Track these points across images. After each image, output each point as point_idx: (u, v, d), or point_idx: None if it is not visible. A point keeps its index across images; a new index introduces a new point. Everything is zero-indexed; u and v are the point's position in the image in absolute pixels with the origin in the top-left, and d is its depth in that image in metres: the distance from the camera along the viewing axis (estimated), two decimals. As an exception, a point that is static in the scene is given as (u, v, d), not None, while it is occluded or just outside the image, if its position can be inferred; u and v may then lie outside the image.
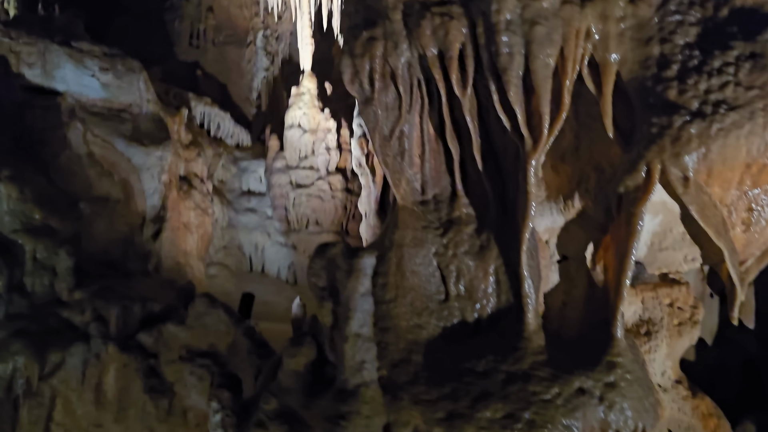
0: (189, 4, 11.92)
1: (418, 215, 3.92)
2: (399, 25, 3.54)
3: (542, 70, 3.19)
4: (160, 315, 6.72)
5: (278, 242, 10.18)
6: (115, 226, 7.65)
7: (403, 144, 3.87)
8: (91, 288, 6.81)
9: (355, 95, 3.74)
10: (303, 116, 10.38)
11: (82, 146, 7.58)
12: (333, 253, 3.61)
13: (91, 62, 7.75)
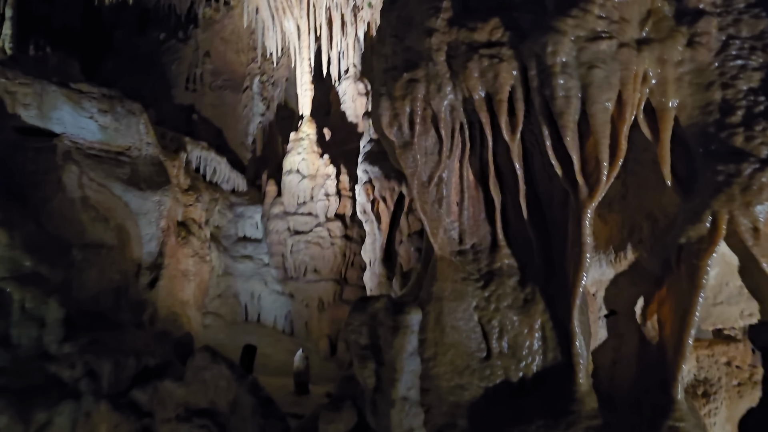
0: (187, 47, 11.81)
1: (456, 266, 3.68)
2: (443, 67, 3.37)
3: (601, 115, 3.02)
4: (155, 370, 6.32)
5: (275, 290, 9.82)
6: (107, 273, 7.28)
7: (441, 191, 3.66)
8: (81, 341, 6.39)
9: (393, 139, 3.53)
10: (302, 161, 10.19)
11: (76, 190, 7.26)
12: (376, 308, 3.34)
13: (90, 104, 7.51)
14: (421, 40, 3.44)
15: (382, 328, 3.24)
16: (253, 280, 9.82)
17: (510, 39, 3.22)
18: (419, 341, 3.42)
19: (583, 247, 3.21)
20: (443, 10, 3.40)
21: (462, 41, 3.33)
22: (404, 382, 3.06)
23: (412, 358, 3.12)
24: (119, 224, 7.50)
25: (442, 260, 3.68)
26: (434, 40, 3.38)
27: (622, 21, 3.07)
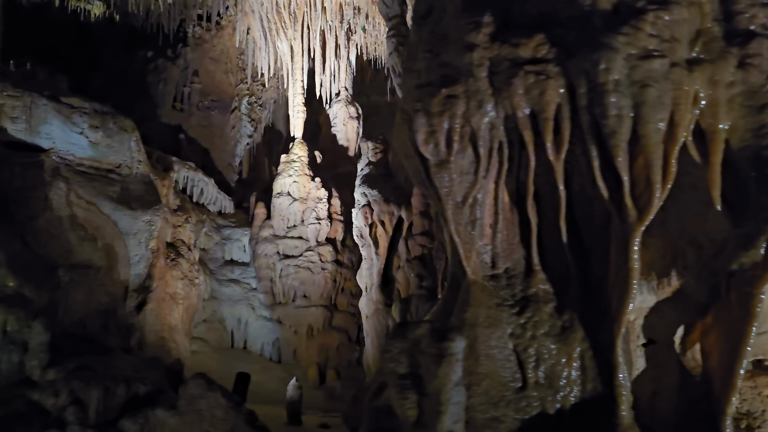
0: (175, 67, 11.60)
1: (490, 291, 3.52)
2: (484, 83, 3.25)
3: (654, 135, 2.92)
4: (146, 398, 6.01)
5: (263, 316, 9.51)
6: (94, 296, 6.94)
7: (475, 212, 3.51)
8: (66, 366, 6.04)
9: (429, 157, 3.39)
10: (293, 184, 9.98)
11: (64, 208, 6.94)
12: (417, 335, 3.14)
13: (81, 119, 7.23)
14: (460, 55, 3.33)
15: (423, 357, 3.04)
16: (240, 305, 9.51)
17: (556, 56, 3.12)
18: (453, 370, 3.23)
19: (630, 272, 3.08)
20: (485, 25, 3.29)
21: (505, 57, 3.21)
22: (450, 414, 2.86)
23: (458, 388, 2.93)
24: (107, 244, 7.18)
25: (475, 285, 3.51)
26: (475, 56, 3.26)
27: (673, 40, 3.00)
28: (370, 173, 7.97)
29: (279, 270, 9.60)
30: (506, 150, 3.36)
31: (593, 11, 3.12)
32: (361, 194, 7.85)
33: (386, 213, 7.66)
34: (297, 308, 9.53)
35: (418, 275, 7.23)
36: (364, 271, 8.02)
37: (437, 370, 2.98)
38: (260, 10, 10.50)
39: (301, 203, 9.91)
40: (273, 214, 9.98)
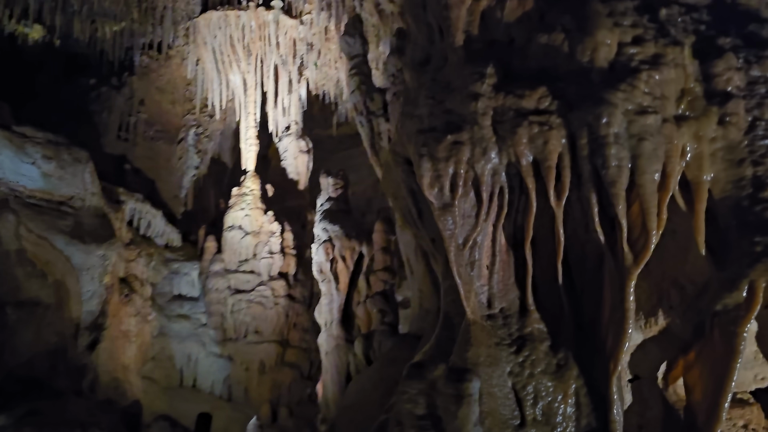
0: (119, 95, 11.28)
1: (488, 331, 3.63)
2: (488, 131, 3.41)
3: (650, 185, 3.16)
4: (104, 444, 5.72)
5: (213, 353, 9.25)
6: (43, 335, 6.58)
7: (474, 254, 3.64)
8: (16, 412, 5.68)
9: (432, 200, 3.49)
10: (245, 218, 9.86)
11: (13, 242, 6.58)
12: (435, 376, 3.20)
13: (33, 149, 6.92)
14: (465, 103, 3.48)
15: (441, 397, 3.10)
16: (189, 342, 9.21)
17: (558, 108, 3.33)
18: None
19: (626, 313, 3.28)
20: (488, 76, 3.47)
21: (509, 107, 3.40)
22: (471, 454, 2.93)
23: (476, 428, 3.00)
24: (58, 280, 6.84)
25: (475, 325, 3.62)
26: (480, 105, 3.43)
27: (663, 98, 3.27)
28: (330, 209, 8.00)
29: (230, 305, 9.41)
30: (507, 195, 3.52)
31: (591, 68, 3.36)
32: (322, 230, 7.86)
33: (348, 249, 7.69)
34: (248, 344, 9.34)
35: (380, 311, 7.27)
36: (324, 307, 7.98)
37: (458, 412, 3.05)
38: (213, 42, 10.45)
39: (253, 237, 9.79)
40: (224, 247, 9.81)
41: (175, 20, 10.84)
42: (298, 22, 10.48)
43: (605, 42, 3.34)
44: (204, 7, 10.52)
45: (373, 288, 7.46)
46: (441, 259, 4.15)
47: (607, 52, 3.35)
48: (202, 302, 9.62)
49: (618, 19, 3.42)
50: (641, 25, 3.44)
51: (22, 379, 6.14)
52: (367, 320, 7.57)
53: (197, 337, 9.27)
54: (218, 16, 10.20)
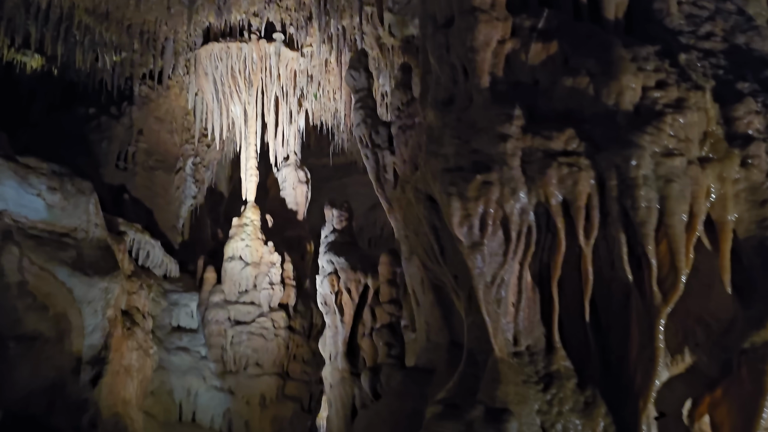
0: (119, 125, 11.25)
1: (516, 369, 3.65)
2: (517, 171, 3.47)
3: (679, 226, 3.23)
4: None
5: (213, 386, 9.10)
6: (41, 370, 6.44)
7: (500, 292, 3.67)
8: (16, 450, 5.54)
9: (462, 239, 3.53)
10: (245, 248, 9.80)
11: (15, 274, 6.48)
12: (472, 417, 3.19)
13: (38, 180, 6.86)
14: (493, 144, 3.55)
15: (479, 439, 3.10)
16: (189, 375, 9.06)
17: (586, 149, 3.40)
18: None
19: (656, 351, 3.32)
20: (516, 118, 3.54)
21: (537, 148, 3.47)
22: (512, 496, 2.91)
23: (515, 470, 2.99)
24: (59, 313, 6.73)
25: (503, 362, 3.63)
26: (509, 146, 3.49)
27: (687, 140, 3.36)
28: (335, 241, 8.01)
29: (231, 337, 9.29)
30: (534, 234, 3.57)
31: (617, 111, 3.45)
32: (327, 261, 7.85)
33: (353, 281, 7.69)
34: (249, 377, 9.21)
35: (387, 343, 7.23)
36: (328, 339, 7.94)
37: (497, 454, 3.04)
38: (214, 73, 10.50)
39: (253, 268, 9.73)
40: (224, 278, 9.72)
41: (177, 51, 10.89)
42: (299, 54, 10.59)
43: (630, 86, 3.43)
44: (205, 38, 10.59)
45: (379, 320, 7.44)
46: (464, 295, 4.18)
47: (632, 95, 3.45)
48: (202, 334, 9.49)
49: (641, 64, 3.52)
50: (663, 70, 3.54)
51: (18, 416, 6.00)
52: (373, 353, 7.53)
53: (197, 371, 9.12)
54: (220, 48, 10.27)
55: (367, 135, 7.97)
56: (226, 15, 10.13)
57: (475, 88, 3.78)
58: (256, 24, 10.44)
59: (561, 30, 3.77)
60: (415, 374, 7.11)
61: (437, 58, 4.11)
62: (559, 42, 3.70)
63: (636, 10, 4.01)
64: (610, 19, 3.90)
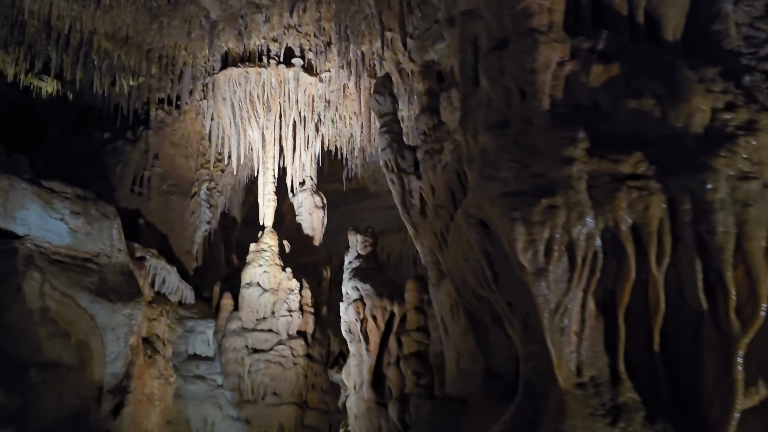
0: (135, 149, 11.19)
1: (581, 401, 3.49)
2: (584, 196, 3.36)
3: (758, 251, 3.11)
4: None
5: (230, 416, 8.88)
6: (65, 398, 6.26)
7: (563, 320, 3.53)
8: (40, 484, 5.34)
9: (526, 265, 3.40)
10: (263, 274, 9.66)
11: (36, 300, 6.33)
12: None
13: (62, 205, 6.75)
14: (557, 167, 3.44)
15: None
16: (206, 404, 8.84)
17: (655, 173, 3.30)
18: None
19: (734, 383, 3.18)
20: (580, 141, 3.44)
21: (604, 172, 3.36)
22: None
23: None
24: (81, 340, 6.56)
25: (568, 394, 3.47)
26: (575, 169, 3.38)
27: (761, 163, 3.25)
28: (360, 266, 7.89)
29: (248, 365, 9.10)
30: (600, 260, 3.44)
31: (686, 133, 3.35)
32: (352, 288, 7.72)
33: (379, 308, 7.55)
34: (267, 406, 8.99)
35: (415, 372, 7.07)
36: (352, 368, 7.77)
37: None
38: (233, 97, 10.47)
39: (271, 294, 9.57)
40: (241, 305, 9.56)
41: (194, 76, 10.88)
42: (317, 79, 10.57)
43: (701, 108, 3.35)
44: (224, 63, 10.58)
45: (407, 348, 7.27)
46: (519, 323, 4.03)
47: (702, 117, 3.35)
48: (218, 362, 9.30)
49: (709, 86, 3.44)
50: (731, 92, 3.46)
51: (45, 447, 5.81)
52: (400, 382, 7.35)
53: (214, 399, 8.91)
54: (239, 73, 10.25)
55: (393, 160, 7.89)
56: (246, 40, 10.14)
57: (535, 111, 3.69)
58: (275, 49, 10.44)
59: (620, 51, 3.69)
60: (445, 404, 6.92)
61: (490, 81, 4.03)
62: (620, 64, 3.62)
63: (693, 32, 3.95)
64: (669, 40, 3.83)
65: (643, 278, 3.47)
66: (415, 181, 7.41)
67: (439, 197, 6.46)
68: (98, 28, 9.71)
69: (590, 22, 3.96)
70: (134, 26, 9.70)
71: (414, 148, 7.61)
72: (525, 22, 3.76)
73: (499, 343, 5.70)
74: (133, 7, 9.17)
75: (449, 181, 6.08)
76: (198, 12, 9.57)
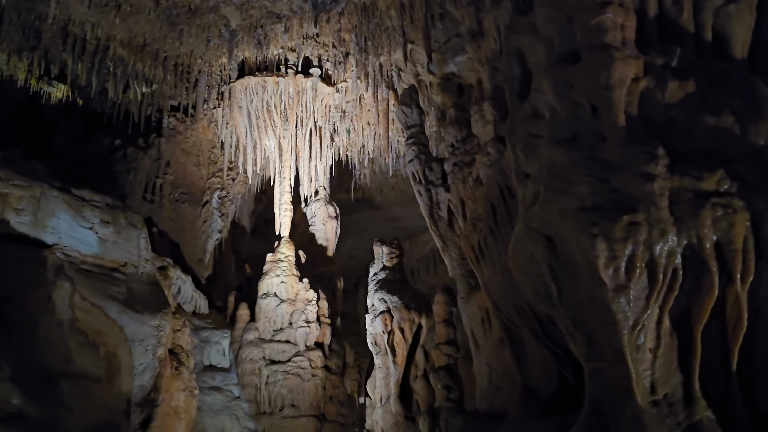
0: (146, 156, 11.06)
1: (658, 420, 3.47)
2: (665, 213, 3.36)
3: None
4: None
5: (247, 428, 8.75)
6: (93, 411, 6.13)
7: (640, 337, 3.52)
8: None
9: (606, 281, 3.39)
10: (280, 284, 9.57)
11: (66, 310, 6.21)
12: None
13: (91, 213, 6.63)
14: (638, 184, 3.44)
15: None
16: (222, 416, 8.71)
17: (738, 190, 3.31)
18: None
19: (817, 402, 3.18)
20: (660, 157, 3.44)
21: (687, 188, 3.37)
22: None
23: None
24: (109, 351, 6.44)
25: (646, 413, 3.46)
26: (656, 186, 3.39)
27: (843, 181, 3.28)
28: (386, 278, 7.83)
29: (266, 376, 8.99)
30: (680, 277, 3.44)
31: (767, 150, 3.37)
32: (379, 300, 7.66)
33: (407, 320, 7.50)
34: (285, 419, 8.88)
35: (445, 386, 7.02)
36: (378, 381, 7.69)
37: None
38: (249, 106, 10.41)
39: (289, 305, 9.48)
40: (258, 315, 9.45)
41: (210, 84, 10.80)
42: (334, 89, 10.54)
43: (782, 125, 3.37)
44: (240, 72, 10.52)
45: (437, 362, 7.22)
46: (583, 339, 4.00)
47: (783, 135, 3.38)
48: (234, 373, 9.18)
49: (787, 103, 3.46)
50: (808, 110, 3.48)
51: (75, 461, 5.68)
52: (427, 396, 7.30)
53: (230, 411, 8.78)
54: (256, 82, 10.19)
55: (421, 171, 7.86)
56: (265, 50, 10.09)
57: (609, 126, 3.69)
58: (293, 59, 10.40)
59: (693, 68, 3.71)
60: (477, 419, 6.87)
61: (557, 95, 4.03)
62: (694, 80, 3.63)
63: (757, 48, 3.98)
64: (737, 57, 3.86)
65: (719, 296, 3.47)
66: (444, 193, 7.39)
67: (476, 210, 6.43)
68: (115, 34, 9.60)
69: (656, 38, 3.99)
70: (151, 34, 9.60)
71: (441, 160, 7.60)
72: (598, 38, 3.77)
73: (537, 359, 5.69)
74: (154, 14, 9.08)
75: (489, 194, 6.05)
76: (218, 21, 9.49)
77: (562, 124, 4.01)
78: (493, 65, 6.72)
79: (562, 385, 5.27)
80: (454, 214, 7.31)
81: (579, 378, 5.26)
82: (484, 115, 6.80)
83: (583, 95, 3.85)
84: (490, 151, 6.45)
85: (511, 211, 5.69)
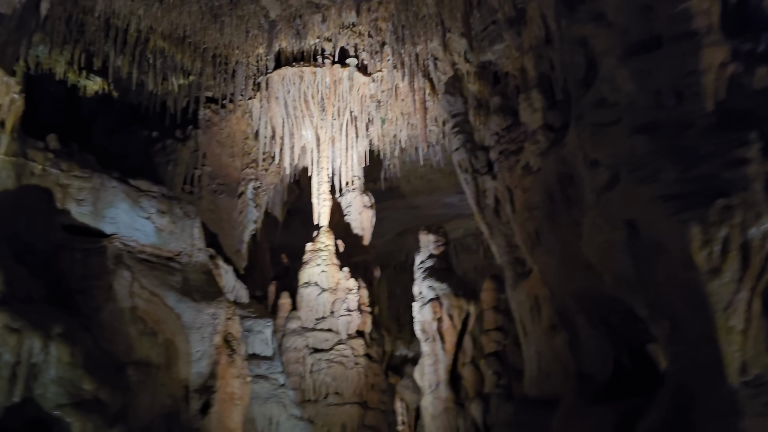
0: (185, 148, 11.16)
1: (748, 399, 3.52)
2: (760, 196, 3.41)
3: None
4: None
5: (294, 415, 8.87)
6: (158, 397, 6.26)
7: (731, 319, 3.57)
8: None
9: (701, 265, 3.44)
10: (321, 273, 9.67)
11: (126, 299, 6.32)
12: None
13: (149, 203, 6.74)
14: (729, 168, 3.48)
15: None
16: (270, 403, 8.83)
17: (833, 174, 3.34)
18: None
19: None
20: (753, 141, 3.48)
21: (781, 173, 3.40)
22: None
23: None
24: (168, 339, 6.56)
25: (738, 393, 3.51)
26: (751, 170, 3.43)
27: None
28: (434, 266, 7.91)
29: (310, 365, 9.11)
30: (773, 259, 3.48)
31: None
32: (428, 288, 7.74)
33: (456, 307, 7.58)
34: (329, 406, 9.00)
35: (495, 373, 7.10)
36: (427, 368, 7.79)
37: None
38: (286, 96, 10.48)
39: (330, 294, 9.58)
40: (300, 304, 9.57)
41: (247, 75, 10.86)
42: (370, 79, 10.58)
43: None
44: (276, 62, 10.58)
45: (486, 348, 7.30)
46: (667, 323, 4.05)
47: None
48: (278, 361, 9.28)
49: None
50: None
51: (143, 446, 5.81)
52: (476, 382, 7.38)
53: (277, 398, 8.89)
54: (293, 72, 10.24)
55: (467, 160, 7.89)
56: (302, 40, 10.14)
57: (696, 113, 3.72)
58: (329, 49, 10.44)
59: (779, 54, 3.73)
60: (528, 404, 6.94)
61: (637, 83, 4.05)
62: (782, 66, 3.66)
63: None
64: (821, 43, 3.86)
65: (807, 279, 3.51)
66: (490, 181, 7.43)
67: (530, 198, 6.47)
68: (156, 27, 9.68)
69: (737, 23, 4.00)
70: (192, 25, 9.68)
71: (487, 148, 7.63)
72: (684, 24, 3.80)
73: (592, 346, 5.74)
74: (196, 6, 9.16)
75: (546, 182, 6.08)
76: (257, 11, 9.56)
77: (641, 111, 4.04)
78: (537, 53, 6.73)
79: (617, 371, 5.33)
80: (501, 202, 7.34)
81: (637, 363, 5.34)
82: (532, 103, 6.81)
83: (666, 83, 3.88)
84: (540, 139, 6.47)
85: (572, 198, 5.70)
